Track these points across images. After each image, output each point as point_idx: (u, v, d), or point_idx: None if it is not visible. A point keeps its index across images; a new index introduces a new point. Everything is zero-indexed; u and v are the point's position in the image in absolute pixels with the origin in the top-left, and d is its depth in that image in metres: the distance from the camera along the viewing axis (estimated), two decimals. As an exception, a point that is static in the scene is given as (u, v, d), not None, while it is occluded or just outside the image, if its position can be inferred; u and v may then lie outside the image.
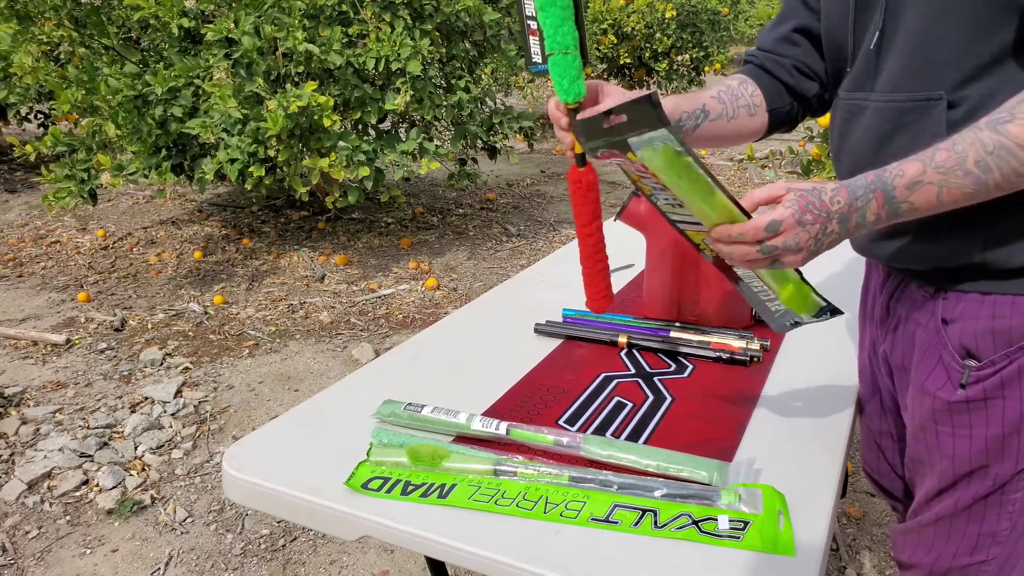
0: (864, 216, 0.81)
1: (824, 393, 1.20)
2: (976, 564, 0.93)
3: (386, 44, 3.35)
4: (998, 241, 0.85)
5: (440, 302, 3.50)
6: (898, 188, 0.80)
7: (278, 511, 0.97)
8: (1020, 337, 0.85)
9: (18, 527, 2.02)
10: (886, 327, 1.05)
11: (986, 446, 0.89)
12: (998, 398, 0.87)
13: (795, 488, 0.95)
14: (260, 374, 2.83)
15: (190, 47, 3.60)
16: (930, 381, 0.93)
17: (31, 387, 2.71)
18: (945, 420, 0.92)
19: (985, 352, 0.88)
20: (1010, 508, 0.90)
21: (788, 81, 1.09)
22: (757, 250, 0.82)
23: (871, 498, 2.11)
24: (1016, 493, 0.89)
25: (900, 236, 0.93)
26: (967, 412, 0.90)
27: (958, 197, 0.79)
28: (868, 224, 0.82)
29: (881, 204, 0.80)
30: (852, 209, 0.81)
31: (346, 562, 1.91)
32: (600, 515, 0.89)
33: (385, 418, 1.09)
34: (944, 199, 0.79)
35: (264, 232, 4.39)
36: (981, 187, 0.78)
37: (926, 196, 0.79)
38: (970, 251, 0.87)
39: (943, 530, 0.95)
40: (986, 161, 0.76)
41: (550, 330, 1.39)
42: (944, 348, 0.91)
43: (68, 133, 3.48)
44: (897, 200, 0.80)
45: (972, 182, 0.78)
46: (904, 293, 1.00)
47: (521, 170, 5.94)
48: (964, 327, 0.89)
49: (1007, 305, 0.86)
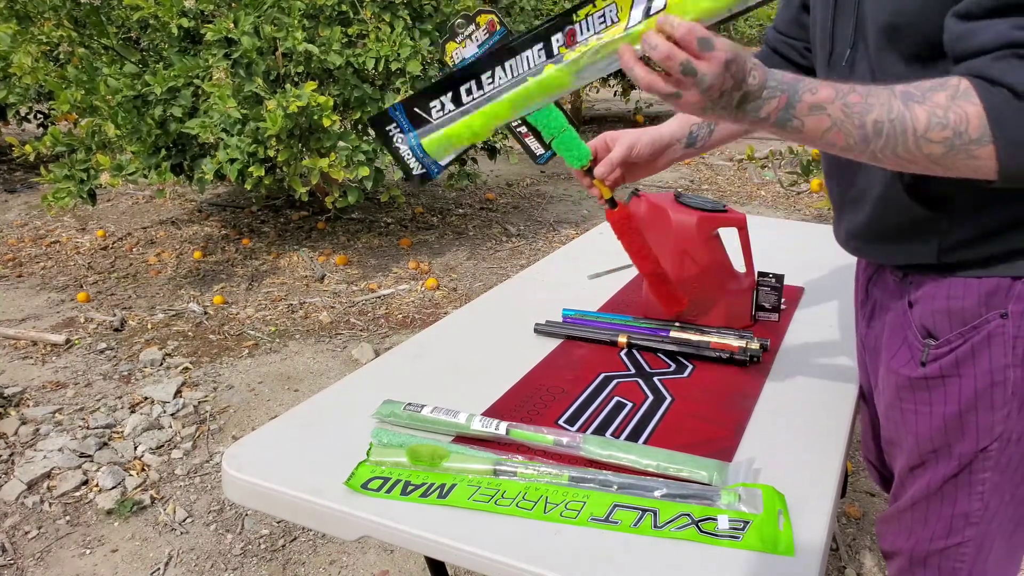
0: (758, 110, 0.78)
1: (824, 393, 1.20)
2: (953, 547, 0.95)
3: (386, 44, 3.35)
4: (951, 247, 0.89)
5: (440, 302, 3.50)
6: (803, 102, 0.77)
7: (278, 511, 0.97)
8: (972, 317, 0.88)
9: (18, 527, 2.02)
10: (864, 312, 1.09)
11: (944, 424, 0.91)
12: (954, 376, 0.90)
13: (795, 488, 0.95)
14: (260, 374, 2.83)
15: (190, 47, 3.60)
16: (895, 359, 0.97)
17: (31, 387, 2.71)
18: (908, 397, 0.95)
19: (942, 331, 0.91)
20: (980, 488, 0.91)
21: (801, 63, 1.12)
22: (680, 63, 0.74)
23: (871, 498, 2.11)
24: (984, 473, 0.91)
25: (867, 237, 0.99)
26: (927, 389, 0.93)
27: (838, 142, 0.78)
28: (755, 117, 0.79)
29: (778, 108, 0.78)
30: (755, 95, 0.77)
31: (346, 562, 1.91)
32: (600, 515, 0.89)
33: (385, 418, 1.09)
34: (827, 138, 0.78)
35: (264, 232, 4.38)
36: (862, 145, 0.77)
37: (817, 125, 0.78)
38: (927, 255, 0.91)
39: (920, 514, 0.97)
40: (883, 125, 0.76)
41: (550, 330, 1.39)
42: (908, 328, 0.95)
43: (67, 133, 3.48)
44: (794, 113, 0.78)
45: (859, 136, 0.77)
46: (880, 279, 1.04)
47: (521, 170, 5.94)
48: (923, 307, 0.93)
49: (960, 286, 0.89)
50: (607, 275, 1.71)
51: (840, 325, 1.44)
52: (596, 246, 1.90)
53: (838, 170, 1.00)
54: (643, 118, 7.87)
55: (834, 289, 1.61)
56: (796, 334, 1.40)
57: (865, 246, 1.01)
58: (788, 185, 5.37)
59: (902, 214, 0.91)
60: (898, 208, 0.91)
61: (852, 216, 1.00)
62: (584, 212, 4.85)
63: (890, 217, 0.93)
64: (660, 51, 0.75)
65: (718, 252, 1.38)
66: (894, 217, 0.93)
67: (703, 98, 0.76)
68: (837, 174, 1.00)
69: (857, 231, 1.00)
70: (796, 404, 1.16)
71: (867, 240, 0.99)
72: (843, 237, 1.04)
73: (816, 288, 1.63)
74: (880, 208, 0.94)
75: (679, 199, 1.39)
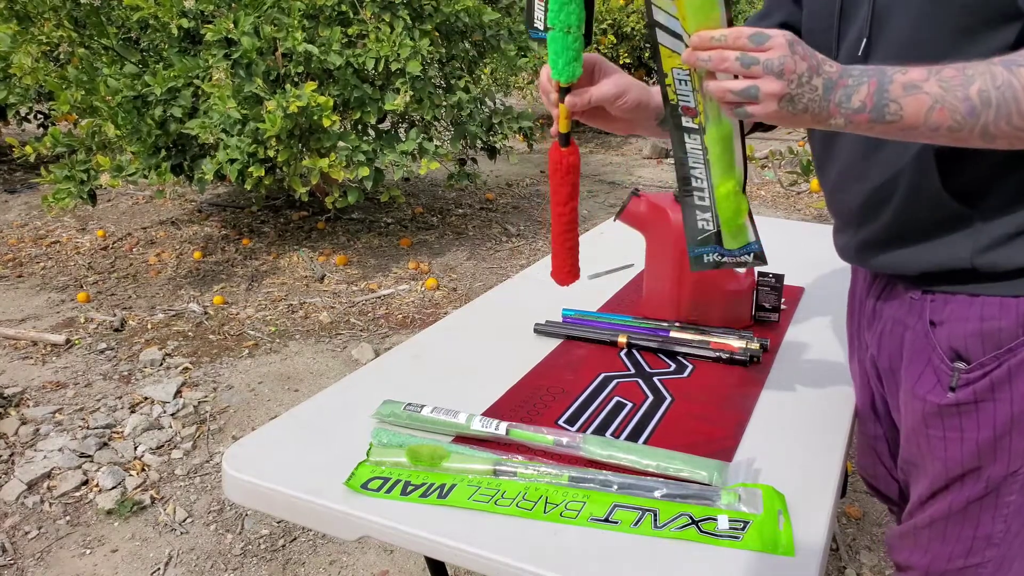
0: (850, 97, 0.75)
1: (824, 393, 1.20)
2: (972, 567, 0.92)
3: (386, 44, 3.35)
4: (986, 246, 0.85)
5: (440, 302, 3.50)
6: (895, 83, 0.74)
7: (278, 511, 0.97)
8: (1009, 339, 0.84)
9: (18, 527, 2.02)
10: (873, 330, 1.04)
11: (978, 449, 0.88)
12: (988, 401, 0.86)
13: (795, 488, 0.95)
14: (260, 374, 2.83)
15: (189, 47, 3.60)
16: (920, 384, 0.93)
17: (31, 387, 2.71)
18: (936, 423, 0.91)
19: (975, 354, 0.87)
20: (1004, 511, 0.89)
21: None
22: (736, 56, 0.74)
23: (871, 498, 2.11)
24: (1010, 496, 0.88)
25: (888, 244, 0.93)
26: (957, 415, 0.89)
27: (944, 122, 0.74)
28: (850, 108, 0.75)
29: (872, 92, 0.74)
30: (841, 82, 0.75)
31: (346, 562, 1.91)
32: (600, 515, 0.89)
33: (385, 418, 1.09)
34: (931, 119, 0.74)
35: (264, 232, 4.38)
36: (971, 120, 0.73)
37: (917, 105, 0.74)
38: (958, 257, 0.86)
39: (938, 532, 0.94)
40: (989, 94, 0.72)
41: (550, 330, 1.39)
42: (933, 351, 0.90)
43: (68, 134, 3.48)
44: (889, 96, 0.74)
45: (966, 110, 0.73)
46: (891, 295, 0.99)
47: (521, 170, 5.94)
48: (953, 329, 0.88)
49: (995, 306, 0.85)
50: (607, 275, 1.71)
51: (840, 326, 1.44)
52: (596, 246, 1.90)
53: (859, 173, 0.94)
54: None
55: (834, 289, 1.61)
56: (796, 334, 1.40)
57: (886, 254, 0.94)
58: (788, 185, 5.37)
59: (933, 210, 0.86)
60: (930, 203, 0.86)
61: (871, 223, 0.94)
62: (584, 212, 4.85)
63: (920, 213, 0.88)
64: (713, 60, 0.75)
65: (718, 252, 1.38)
66: (925, 213, 0.88)
67: (783, 85, 0.73)
68: (858, 177, 0.94)
69: (876, 238, 0.94)
70: (796, 404, 1.16)
71: (889, 245, 0.93)
72: (855, 249, 0.99)
73: (816, 288, 1.63)
74: (909, 205, 0.88)
75: (679, 199, 1.38)
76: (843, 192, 0.98)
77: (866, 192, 0.93)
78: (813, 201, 5.06)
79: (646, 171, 6.01)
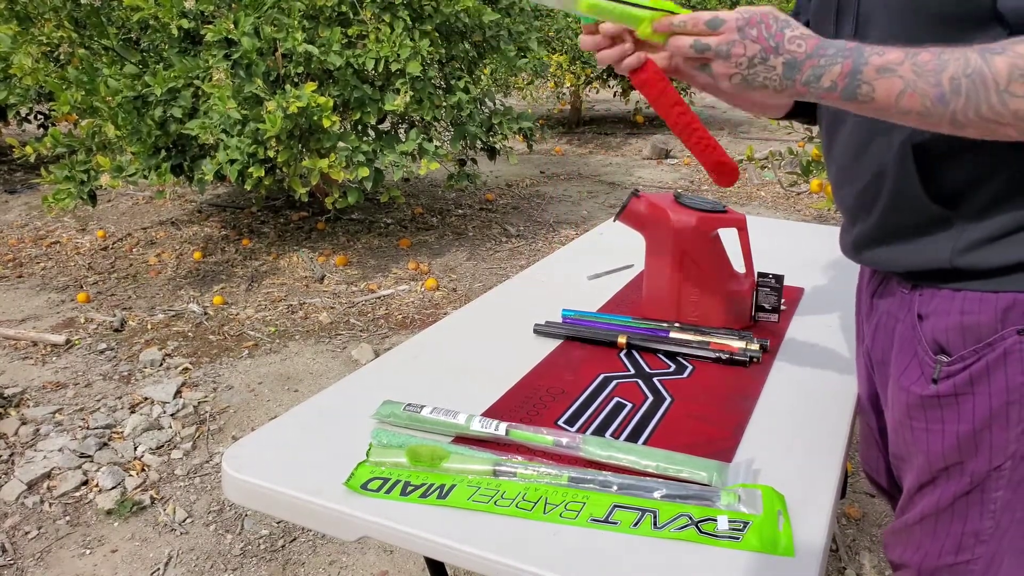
0: (819, 78, 0.76)
1: (824, 393, 1.20)
2: (962, 563, 0.93)
3: (386, 45, 3.35)
4: (964, 248, 0.86)
5: (439, 302, 3.50)
6: (870, 65, 0.75)
7: (278, 511, 0.97)
8: (988, 333, 0.85)
9: (18, 527, 2.02)
10: (870, 323, 1.07)
11: (958, 442, 0.89)
12: (968, 394, 0.87)
13: (795, 488, 0.95)
14: (260, 374, 2.83)
15: (190, 48, 3.60)
16: (905, 376, 0.94)
17: (31, 387, 2.71)
18: (919, 415, 0.93)
19: (955, 348, 0.88)
20: (992, 507, 0.90)
21: None
22: (690, 44, 0.80)
23: (871, 498, 2.11)
24: (996, 492, 0.89)
25: (878, 242, 0.96)
26: (939, 407, 0.90)
27: (914, 107, 0.74)
28: (819, 88, 0.77)
29: (844, 73, 0.75)
30: (810, 62, 0.76)
31: (346, 562, 1.91)
32: (600, 516, 0.89)
33: (384, 419, 1.09)
34: (901, 103, 0.75)
35: (264, 233, 4.39)
36: (940, 107, 0.73)
37: (889, 88, 0.75)
38: (940, 258, 0.88)
39: (928, 529, 0.95)
40: (960, 82, 0.72)
41: (549, 330, 1.39)
42: (919, 343, 0.92)
43: (68, 134, 3.48)
44: (862, 78, 0.75)
45: (936, 96, 0.73)
46: (886, 289, 1.01)
47: (520, 171, 5.94)
48: (936, 323, 0.90)
49: (975, 301, 0.86)
50: (607, 275, 1.71)
51: (840, 326, 1.44)
52: (596, 246, 1.90)
53: (851, 174, 0.96)
54: (643, 118, 7.87)
55: (834, 289, 1.61)
56: (796, 334, 1.40)
57: (876, 251, 0.97)
58: (788, 185, 5.37)
59: (915, 213, 0.89)
60: (911, 207, 0.89)
61: (862, 222, 0.97)
62: (584, 212, 4.85)
63: (903, 216, 0.91)
64: (671, 47, 0.79)
65: (718, 253, 1.38)
66: (907, 215, 0.90)
67: (730, 66, 0.77)
68: (851, 178, 0.97)
69: (869, 235, 0.97)
70: (796, 404, 1.16)
71: (878, 244, 0.96)
72: (853, 245, 1.01)
73: (816, 288, 1.63)
74: (893, 208, 0.91)
75: (679, 199, 1.39)
76: (840, 191, 1.01)
77: (856, 193, 0.96)
78: (813, 201, 5.07)
79: (646, 171, 6.02)
